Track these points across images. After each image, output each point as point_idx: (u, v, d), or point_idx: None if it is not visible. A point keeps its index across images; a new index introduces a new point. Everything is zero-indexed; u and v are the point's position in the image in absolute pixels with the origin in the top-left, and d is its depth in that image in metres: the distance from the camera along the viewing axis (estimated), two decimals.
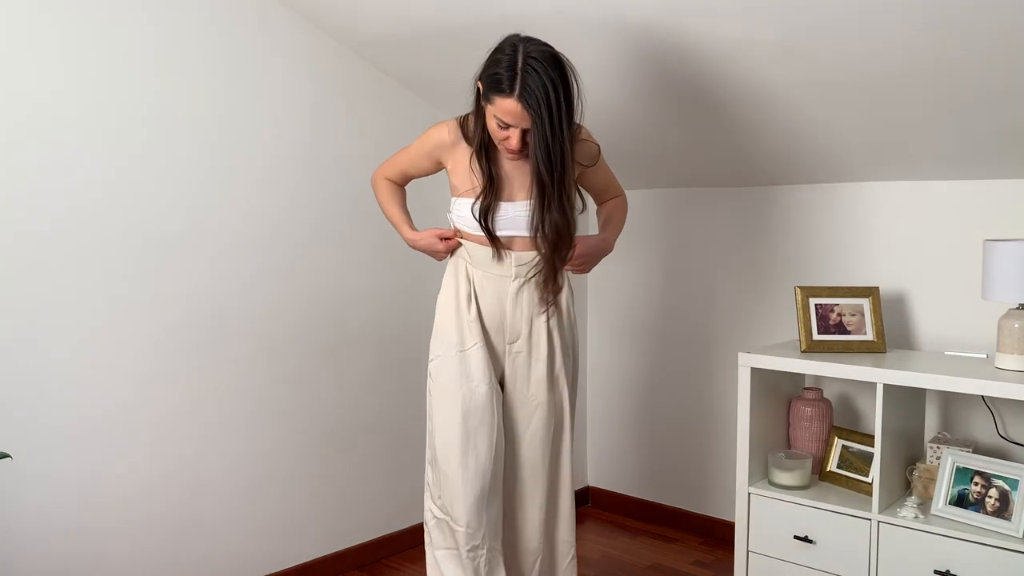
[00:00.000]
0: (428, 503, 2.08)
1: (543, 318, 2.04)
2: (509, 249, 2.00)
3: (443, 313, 2.05)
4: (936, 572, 2.20)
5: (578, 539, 3.18)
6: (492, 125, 1.88)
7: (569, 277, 2.14)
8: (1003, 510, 2.18)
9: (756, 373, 2.53)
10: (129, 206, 2.32)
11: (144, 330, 2.36)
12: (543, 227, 1.91)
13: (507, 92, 1.80)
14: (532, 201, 1.92)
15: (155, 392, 2.40)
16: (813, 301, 2.60)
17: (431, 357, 2.06)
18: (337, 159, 2.77)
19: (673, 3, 2.08)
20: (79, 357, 2.25)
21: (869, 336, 2.56)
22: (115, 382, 2.32)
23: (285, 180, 2.64)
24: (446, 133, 2.02)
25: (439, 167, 2.11)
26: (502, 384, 2.07)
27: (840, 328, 2.58)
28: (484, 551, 2.01)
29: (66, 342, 2.22)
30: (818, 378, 2.78)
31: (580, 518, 3.45)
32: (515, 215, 1.98)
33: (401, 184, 2.21)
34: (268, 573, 2.68)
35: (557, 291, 2.04)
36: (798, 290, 2.61)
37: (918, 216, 2.66)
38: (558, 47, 2.43)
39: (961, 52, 1.99)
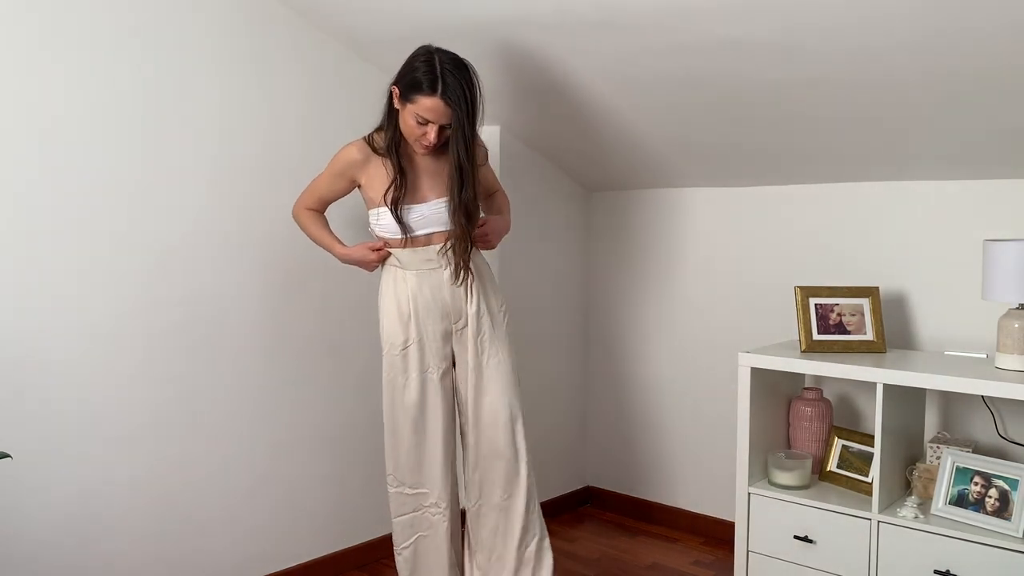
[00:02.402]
0: (387, 480, 2.35)
1: (475, 297, 2.26)
2: (431, 244, 2.24)
3: (386, 318, 2.28)
4: (936, 572, 2.20)
5: (578, 539, 3.21)
6: (411, 123, 2.13)
7: (485, 256, 2.38)
8: (1003, 510, 2.18)
9: (756, 373, 2.53)
10: (129, 207, 2.32)
11: (144, 331, 2.36)
12: (461, 205, 2.17)
13: (430, 92, 2.07)
14: (451, 185, 2.16)
15: (155, 392, 2.40)
16: (813, 301, 2.60)
17: (383, 353, 2.30)
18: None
19: (672, 3, 2.08)
20: (79, 357, 2.25)
21: (869, 336, 2.56)
22: (115, 382, 2.32)
23: (285, 181, 2.64)
24: (355, 151, 2.25)
25: (353, 186, 2.31)
26: (454, 359, 2.31)
27: (840, 328, 2.58)
28: (431, 508, 2.31)
29: (66, 342, 2.22)
30: (818, 378, 2.78)
31: (580, 518, 3.45)
32: (431, 213, 2.23)
33: (320, 211, 2.40)
34: (268, 573, 2.68)
35: (468, 259, 2.23)
36: (798, 290, 2.61)
37: (918, 216, 2.66)
38: (558, 46, 2.44)
39: (961, 52, 1.99)
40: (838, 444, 2.59)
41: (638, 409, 3.41)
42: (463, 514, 2.44)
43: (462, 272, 2.22)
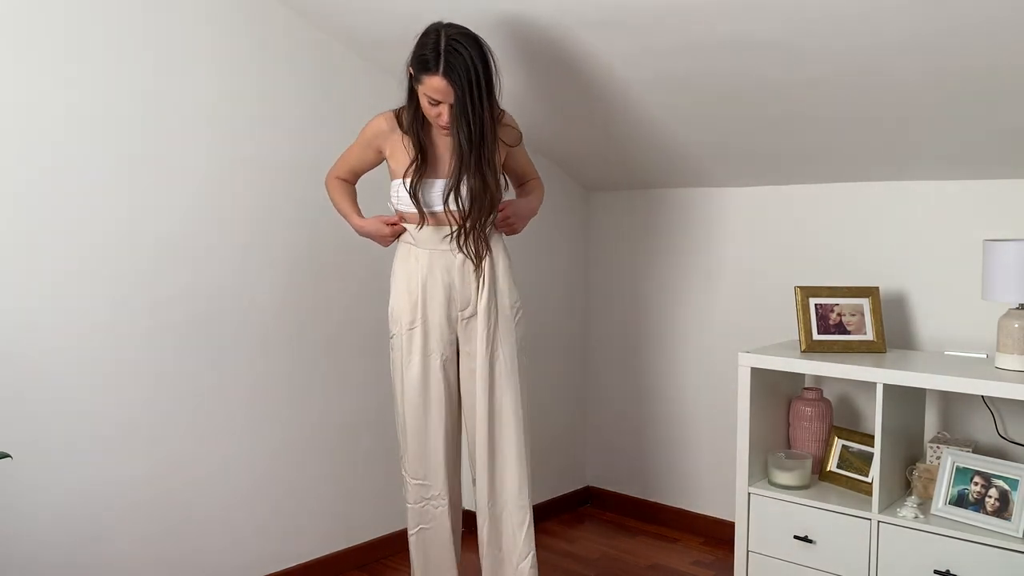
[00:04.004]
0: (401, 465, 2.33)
1: (486, 286, 2.21)
2: (446, 224, 2.17)
3: (395, 296, 2.26)
4: (936, 572, 2.20)
5: (578, 539, 3.21)
6: (424, 103, 2.08)
7: (506, 246, 2.31)
8: (1003, 510, 2.18)
9: (756, 373, 2.53)
10: (128, 207, 2.32)
11: (144, 330, 2.36)
12: (458, 192, 2.10)
13: (433, 71, 2.01)
14: (451, 170, 2.11)
15: (155, 392, 2.40)
16: (813, 301, 2.60)
17: (390, 335, 2.28)
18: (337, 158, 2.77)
19: (673, 2, 2.08)
20: (79, 357, 2.25)
21: (869, 336, 2.56)
22: (115, 382, 2.32)
23: (284, 180, 2.64)
24: (383, 122, 2.23)
25: (381, 156, 2.28)
26: (458, 349, 2.27)
27: (840, 328, 2.58)
28: (433, 501, 2.28)
29: (66, 342, 2.22)
30: (818, 378, 2.78)
31: (580, 518, 3.45)
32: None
33: (351, 182, 2.38)
34: (268, 573, 2.68)
35: (482, 252, 2.19)
36: (798, 290, 2.61)
37: (918, 216, 2.66)
38: (558, 46, 2.44)
39: (961, 52, 1.99)
40: (838, 444, 2.59)
41: (638, 409, 3.41)
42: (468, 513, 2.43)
43: (480, 259, 2.19)
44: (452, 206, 2.12)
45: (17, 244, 2.13)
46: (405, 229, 2.23)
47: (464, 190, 2.10)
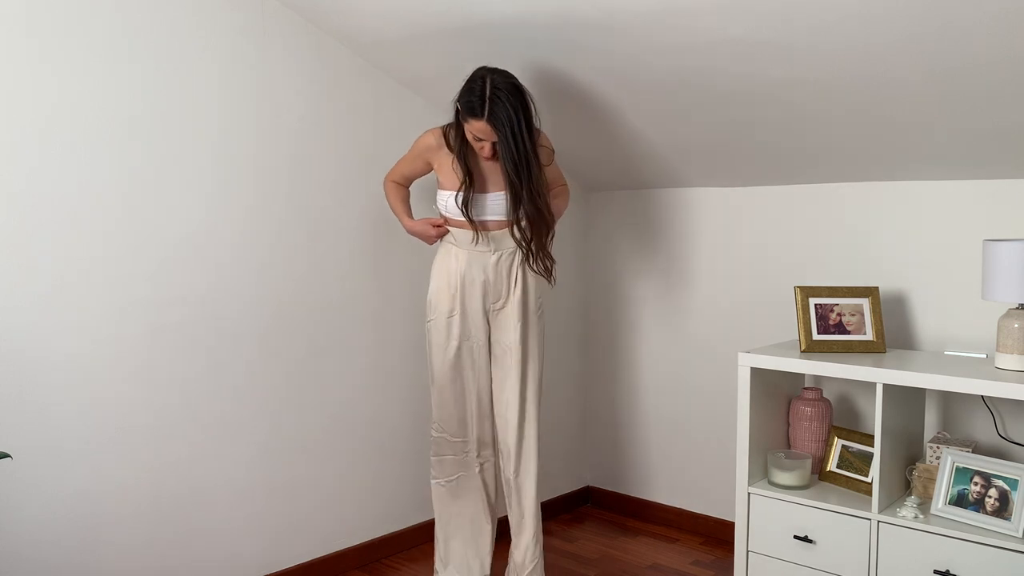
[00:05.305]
0: (432, 427, 2.64)
1: (519, 285, 2.52)
2: (486, 230, 2.47)
3: (435, 287, 2.55)
4: (936, 572, 2.20)
5: (578, 539, 3.22)
6: (470, 138, 2.38)
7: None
8: (1003, 510, 2.18)
9: (756, 373, 2.53)
10: (129, 207, 2.32)
11: (145, 331, 2.36)
12: (519, 219, 2.40)
13: (478, 115, 2.29)
14: (507, 197, 2.41)
15: (156, 392, 2.40)
16: (813, 301, 2.60)
17: (427, 319, 2.58)
18: (337, 159, 2.77)
19: (672, 3, 2.08)
20: (79, 357, 2.25)
21: (869, 336, 2.56)
22: (115, 382, 2.32)
23: (285, 180, 2.64)
24: (432, 139, 2.51)
25: (429, 167, 2.57)
26: (490, 336, 2.57)
27: (840, 328, 2.58)
28: (475, 455, 2.62)
29: (67, 342, 2.22)
30: (818, 378, 2.78)
31: (580, 518, 3.45)
32: (491, 203, 2.47)
33: (404, 185, 2.66)
34: (268, 573, 2.68)
35: (549, 265, 2.50)
36: (798, 290, 2.61)
37: (918, 216, 2.66)
38: (557, 47, 2.45)
39: (961, 51, 1.99)
40: (838, 444, 2.59)
41: (638, 409, 3.41)
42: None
43: (551, 273, 2.51)
44: (517, 234, 2.42)
45: (18, 245, 2.13)
46: (449, 231, 2.51)
47: (523, 216, 2.39)
